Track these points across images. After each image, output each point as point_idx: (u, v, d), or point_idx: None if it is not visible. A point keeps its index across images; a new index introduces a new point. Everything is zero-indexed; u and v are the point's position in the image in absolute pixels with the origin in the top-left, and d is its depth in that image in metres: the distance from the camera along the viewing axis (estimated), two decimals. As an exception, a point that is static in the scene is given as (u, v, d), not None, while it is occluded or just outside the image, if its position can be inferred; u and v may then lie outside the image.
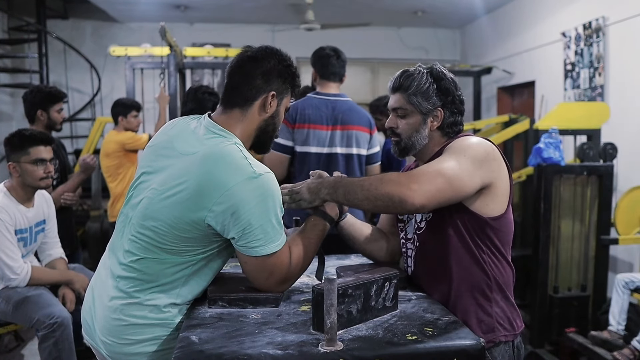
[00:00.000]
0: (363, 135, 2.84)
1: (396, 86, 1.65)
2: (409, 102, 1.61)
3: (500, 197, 1.54)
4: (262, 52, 1.53)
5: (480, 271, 1.53)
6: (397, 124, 1.64)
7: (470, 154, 1.49)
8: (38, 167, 2.63)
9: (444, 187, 1.43)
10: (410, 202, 1.40)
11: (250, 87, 1.50)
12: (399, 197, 1.41)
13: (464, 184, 1.46)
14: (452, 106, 1.62)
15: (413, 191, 1.40)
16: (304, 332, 1.28)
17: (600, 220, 3.52)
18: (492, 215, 1.53)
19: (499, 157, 1.55)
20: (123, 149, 4.14)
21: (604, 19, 4.59)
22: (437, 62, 1.67)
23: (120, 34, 7.26)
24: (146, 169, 1.53)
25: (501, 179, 1.53)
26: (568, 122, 3.66)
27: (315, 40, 6.73)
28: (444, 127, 1.62)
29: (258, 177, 1.38)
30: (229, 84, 1.53)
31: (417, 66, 1.66)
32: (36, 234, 2.75)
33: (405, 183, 1.42)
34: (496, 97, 6.88)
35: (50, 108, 3.24)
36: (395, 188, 1.42)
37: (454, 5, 6.51)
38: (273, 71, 1.51)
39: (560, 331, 3.44)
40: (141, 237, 1.44)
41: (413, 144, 1.63)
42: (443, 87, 1.60)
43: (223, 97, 1.54)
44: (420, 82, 1.60)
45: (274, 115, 1.55)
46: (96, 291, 1.53)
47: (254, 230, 1.37)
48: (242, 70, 1.51)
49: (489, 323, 1.53)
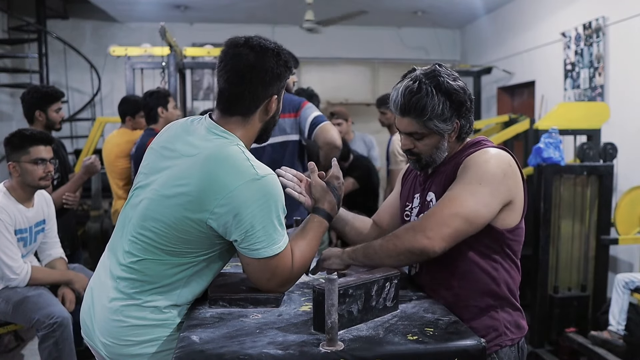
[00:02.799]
0: (285, 121, 2.87)
1: (405, 109, 1.52)
2: (425, 127, 1.52)
3: (517, 210, 1.52)
4: (260, 58, 1.45)
5: (490, 280, 1.52)
6: (415, 145, 1.57)
7: (488, 181, 1.44)
8: (38, 166, 2.63)
9: (462, 227, 1.42)
10: (431, 250, 1.41)
11: (253, 98, 1.47)
12: (419, 249, 1.41)
13: (482, 217, 1.44)
14: (467, 113, 1.56)
15: (431, 239, 1.40)
16: (304, 332, 1.27)
17: (600, 220, 3.52)
18: (509, 227, 1.51)
19: (516, 170, 1.51)
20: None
21: (604, 19, 4.59)
22: (437, 66, 1.53)
23: (120, 34, 7.26)
24: (147, 170, 1.53)
25: (518, 194, 1.51)
26: (568, 122, 3.66)
27: (315, 40, 6.76)
28: (461, 135, 1.58)
29: (261, 179, 1.37)
30: (228, 93, 1.46)
31: (419, 80, 1.50)
32: (36, 234, 2.75)
33: (421, 232, 1.41)
34: (496, 97, 6.88)
35: (48, 108, 3.24)
36: (413, 241, 1.42)
37: (454, 5, 6.51)
38: (273, 76, 1.47)
39: (560, 331, 3.44)
40: (141, 237, 1.43)
41: (434, 160, 1.58)
42: (456, 101, 1.51)
43: (221, 103, 1.49)
44: (433, 104, 1.48)
45: (276, 111, 1.54)
46: (95, 292, 1.52)
47: (256, 232, 1.37)
48: (243, 80, 1.44)
49: (497, 328, 1.52)
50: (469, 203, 1.42)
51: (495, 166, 1.47)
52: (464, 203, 1.42)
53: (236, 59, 1.45)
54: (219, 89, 1.50)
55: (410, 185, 1.73)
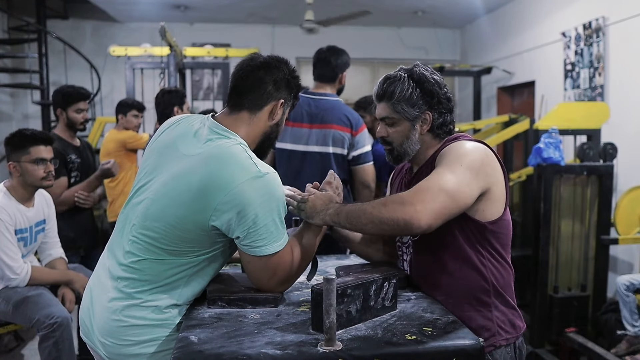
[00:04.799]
0: (340, 134, 2.80)
1: (380, 94, 1.63)
2: (394, 111, 1.59)
3: (497, 200, 1.52)
4: (275, 61, 1.55)
5: (478, 277, 1.52)
6: (387, 132, 1.63)
7: (467, 163, 1.46)
8: (39, 166, 2.64)
9: (448, 204, 1.41)
10: (416, 224, 1.37)
11: (262, 93, 1.52)
12: (404, 219, 1.38)
13: (465, 196, 1.44)
14: (439, 107, 1.59)
15: (418, 212, 1.37)
16: (303, 332, 1.28)
17: (600, 220, 3.52)
18: (490, 219, 1.51)
19: (494, 160, 1.52)
20: (124, 148, 4.09)
21: (604, 19, 4.59)
22: (419, 63, 1.64)
23: (120, 34, 7.26)
24: (148, 170, 1.53)
25: (497, 183, 1.51)
26: (568, 122, 3.66)
27: (315, 40, 6.75)
28: (434, 129, 1.60)
29: (263, 177, 1.38)
30: (239, 87, 1.54)
31: (399, 69, 1.63)
32: (36, 234, 2.75)
33: (409, 204, 1.38)
34: (496, 97, 6.88)
35: (68, 108, 3.26)
36: (399, 211, 1.38)
37: (454, 5, 6.52)
38: (283, 80, 1.55)
39: (560, 331, 3.44)
40: (142, 237, 1.44)
41: (405, 150, 1.61)
42: (427, 90, 1.57)
43: (231, 99, 1.55)
44: (402, 88, 1.57)
45: (279, 123, 1.57)
46: (95, 292, 1.52)
47: (258, 229, 1.38)
48: (255, 75, 1.52)
49: (490, 328, 1.51)
50: (452, 180, 1.42)
51: (473, 152, 1.50)
52: (448, 180, 1.42)
53: (253, 61, 1.56)
54: (231, 87, 1.56)
55: (397, 187, 1.75)
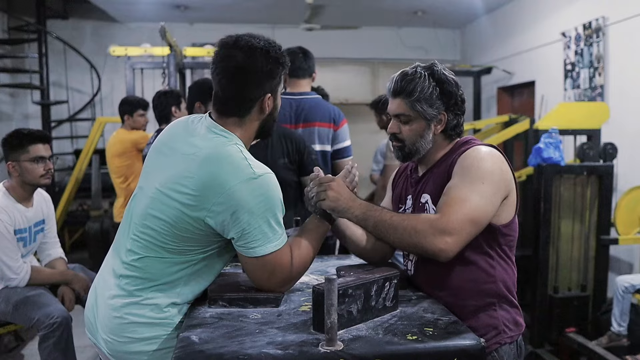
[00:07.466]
0: (324, 130, 2.79)
1: (397, 90, 1.58)
2: (412, 109, 1.56)
3: (511, 205, 1.54)
4: (249, 58, 1.45)
5: (487, 277, 1.52)
6: (400, 129, 1.60)
7: (489, 180, 1.47)
8: (38, 165, 2.63)
9: (473, 232, 1.45)
10: (444, 256, 1.43)
11: (245, 99, 1.48)
12: (433, 251, 1.42)
13: (489, 215, 1.47)
14: (455, 108, 1.58)
15: (449, 245, 1.41)
16: (304, 332, 1.28)
17: (600, 220, 3.52)
18: (504, 222, 1.52)
19: (506, 165, 1.53)
20: (136, 148, 4.10)
21: (604, 19, 4.59)
22: (436, 61, 1.61)
23: (120, 34, 7.25)
24: (149, 169, 1.55)
25: (512, 189, 1.53)
26: (568, 122, 3.66)
27: (315, 40, 6.76)
28: (447, 130, 1.60)
29: (258, 178, 1.38)
30: (222, 95, 1.48)
31: (416, 67, 1.59)
32: (35, 234, 2.75)
33: (440, 235, 1.41)
34: (496, 97, 6.88)
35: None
36: (430, 242, 1.42)
37: (454, 5, 6.51)
38: (263, 75, 1.47)
39: (560, 331, 3.44)
40: (143, 235, 1.45)
41: (417, 149, 1.60)
42: (446, 91, 1.55)
43: (217, 105, 1.51)
44: (423, 87, 1.54)
45: (274, 108, 1.55)
46: (99, 290, 1.54)
47: (252, 230, 1.38)
48: (233, 82, 1.46)
49: (497, 326, 1.52)
50: (479, 205, 1.44)
51: (492, 163, 1.50)
52: (477, 208, 1.44)
53: (226, 60, 1.47)
54: (214, 91, 1.51)
55: (401, 188, 1.74)
